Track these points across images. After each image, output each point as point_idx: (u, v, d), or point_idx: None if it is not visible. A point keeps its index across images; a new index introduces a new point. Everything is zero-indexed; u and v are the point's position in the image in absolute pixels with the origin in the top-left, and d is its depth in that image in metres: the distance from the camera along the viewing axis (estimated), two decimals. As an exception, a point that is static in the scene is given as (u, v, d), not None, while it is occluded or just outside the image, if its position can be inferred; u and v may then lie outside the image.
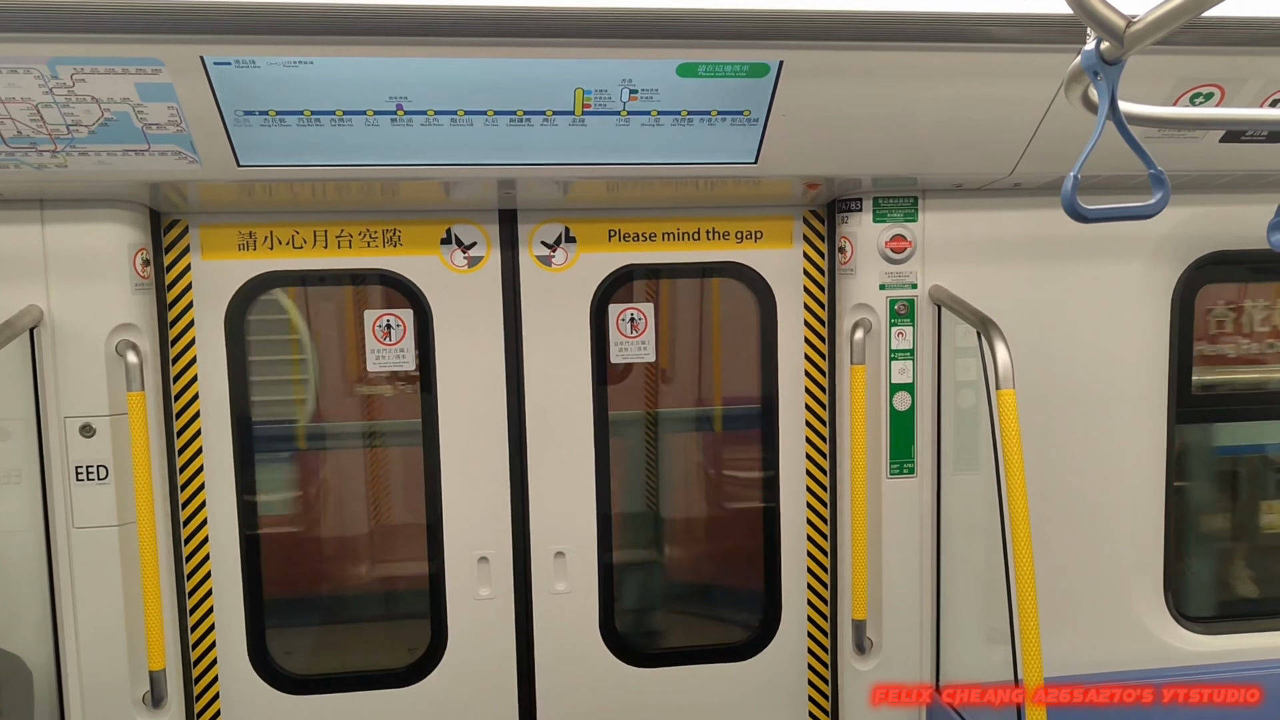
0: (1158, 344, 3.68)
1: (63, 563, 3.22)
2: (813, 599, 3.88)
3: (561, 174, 3.06)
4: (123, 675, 3.28)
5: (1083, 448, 3.66)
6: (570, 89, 2.74)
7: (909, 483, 3.58)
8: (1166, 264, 3.66)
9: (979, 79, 2.84)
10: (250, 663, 3.61)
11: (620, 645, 3.80)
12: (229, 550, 3.56)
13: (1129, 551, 3.75)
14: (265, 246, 3.48)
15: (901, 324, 3.53)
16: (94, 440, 3.18)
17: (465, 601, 3.68)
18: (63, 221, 3.12)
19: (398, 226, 3.53)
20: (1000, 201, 3.49)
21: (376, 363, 3.62)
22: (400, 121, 2.78)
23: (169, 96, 2.61)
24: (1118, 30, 1.39)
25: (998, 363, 3.04)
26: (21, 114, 2.61)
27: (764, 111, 2.88)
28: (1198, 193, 3.56)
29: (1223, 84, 2.91)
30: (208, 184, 3.02)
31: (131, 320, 3.21)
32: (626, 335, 3.72)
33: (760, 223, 3.69)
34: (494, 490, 3.67)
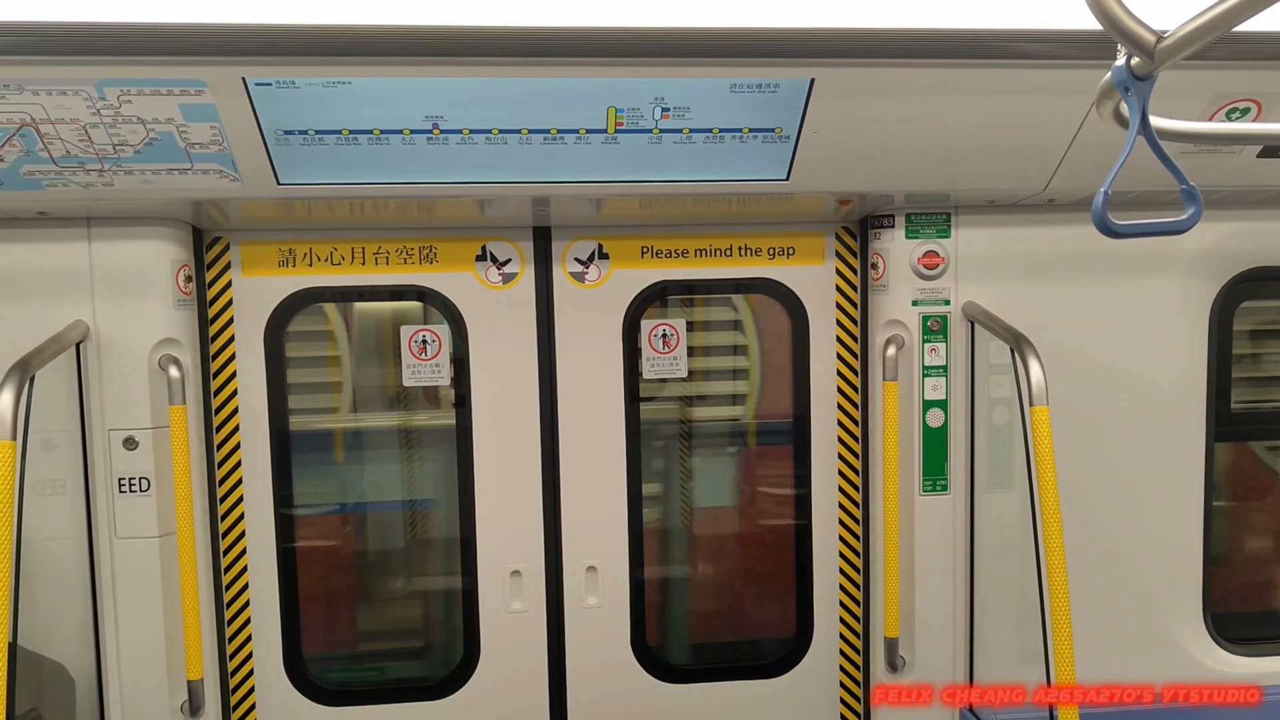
0: (1195, 361, 3.64)
1: (105, 572, 3.28)
2: (845, 616, 3.87)
3: (595, 191, 3.09)
4: (162, 684, 3.33)
5: (1119, 466, 3.62)
6: (603, 107, 2.78)
7: (942, 500, 3.56)
8: (1204, 280, 3.62)
9: (1011, 95, 2.83)
10: (286, 673, 3.66)
11: (651, 660, 3.81)
12: (266, 561, 3.61)
13: (1167, 571, 3.70)
14: (304, 263, 3.54)
15: (934, 340, 3.52)
16: (137, 452, 3.25)
17: (498, 615, 3.71)
18: (108, 239, 3.20)
19: (434, 243, 3.58)
20: (1034, 218, 3.47)
21: (412, 377, 3.67)
22: (436, 140, 2.83)
23: (211, 117, 2.67)
24: (1148, 46, 1.39)
25: (1031, 379, 3.03)
26: (70, 134, 2.69)
27: (795, 129, 2.89)
28: (1236, 208, 3.53)
29: (1259, 99, 2.88)
30: (249, 202, 3.09)
31: (174, 335, 3.28)
32: (659, 351, 3.74)
33: (793, 239, 3.70)
34: (527, 504, 3.70)
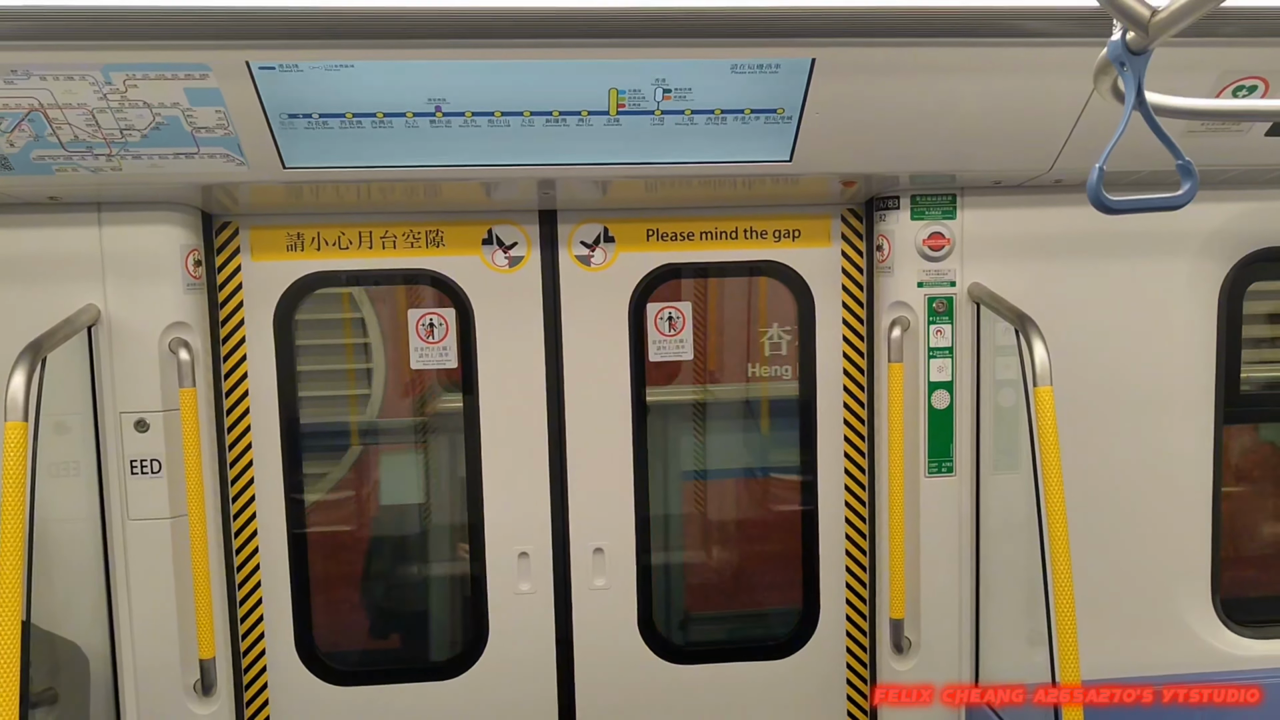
0: (1204, 342, 3.62)
1: (118, 553, 3.33)
2: (851, 598, 3.88)
3: (598, 173, 3.10)
4: (175, 663, 3.38)
5: (1128, 448, 3.61)
6: (605, 89, 2.79)
7: (948, 481, 3.56)
8: (1213, 261, 3.60)
9: (1014, 74, 2.82)
10: (297, 653, 3.70)
11: (658, 641, 3.83)
12: (277, 542, 3.66)
13: (1176, 553, 3.69)
14: (313, 247, 3.57)
15: (940, 322, 3.51)
16: (148, 435, 3.29)
17: (506, 596, 3.74)
18: (118, 224, 3.24)
19: (440, 227, 3.60)
20: (1040, 198, 3.46)
21: (420, 360, 3.70)
22: (439, 123, 2.84)
23: (216, 101, 2.70)
24: (1142, 20, 1.39)
25: (1035, 360, 3.02)
26: (78, 119, 2.72)
27: (798, 110, 2.89)
28: (1246, 188, 3.50)
29: (1267, 76, 2.86)
30: (256, 186, 3.11)
31: (184, 319, 3.32)
32: (665, 334, 3.75)
33: (798, 221, 3.70)
34: (534, 486, 3.72)
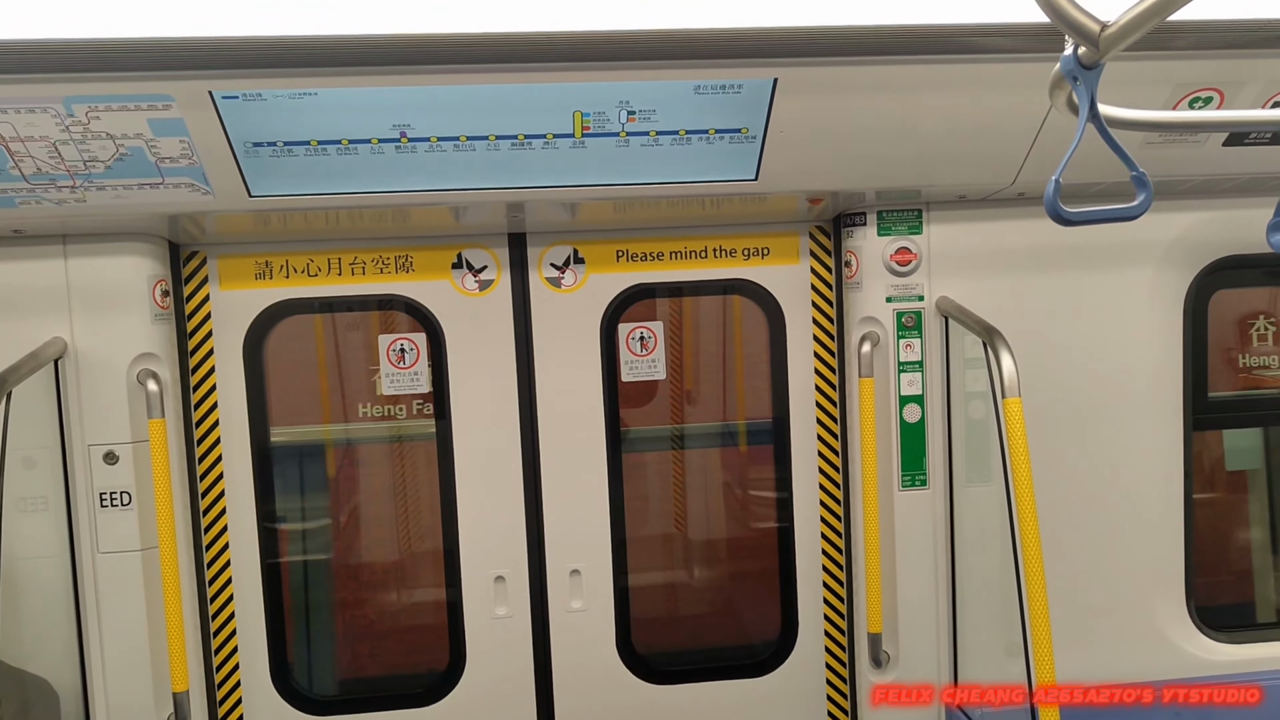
0: (1170, 351, 3.66)
1: (88, 587, 3.29)
2: (829, 613, 3.88)
3: (565, 196, 3.11)
4: (148, 697, 3.34)
5: (1098, 457, 3.64)
6: (569, 112, 2.80)
7: (921, 494, 3.57)
8: (1177, 270, 3.64)
9: (974, 90, 2.85)
10: (273, 683, 3.66)
11: (637, 661, 3.82)
12: (250, 573, 3.62)
13: (1149, 560, 3.71)
14: (281, 275, 3.56)
15: (909, 336, 3.53)
16: (117, 467, 3.26)
17: (483, 621, 3.72)
18: (84, 255, 3.22)
19: (409, 252, 3.60)
20: (1005, 211, 3.49)
21: (391, 385, 3.69)
22: (404, 149, 2.85)
23: (180, 131, 2.69)
24: (1092, 35, 1.41)
25: (1003, 372, 3.04)
26: (41, 152, 2.71)
27: (761, 129, 2.91)
28: (1206, 198, 3.54)
29: (1221, 88, 2.90)
30: (223, 215, 3.10)
31: (152, 350, 3.30)
32: (636, 354, 3.76)
33: (766, 239, 3.72)
34: (509, 509, 3.71)
